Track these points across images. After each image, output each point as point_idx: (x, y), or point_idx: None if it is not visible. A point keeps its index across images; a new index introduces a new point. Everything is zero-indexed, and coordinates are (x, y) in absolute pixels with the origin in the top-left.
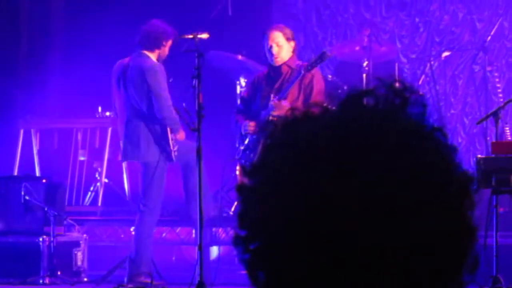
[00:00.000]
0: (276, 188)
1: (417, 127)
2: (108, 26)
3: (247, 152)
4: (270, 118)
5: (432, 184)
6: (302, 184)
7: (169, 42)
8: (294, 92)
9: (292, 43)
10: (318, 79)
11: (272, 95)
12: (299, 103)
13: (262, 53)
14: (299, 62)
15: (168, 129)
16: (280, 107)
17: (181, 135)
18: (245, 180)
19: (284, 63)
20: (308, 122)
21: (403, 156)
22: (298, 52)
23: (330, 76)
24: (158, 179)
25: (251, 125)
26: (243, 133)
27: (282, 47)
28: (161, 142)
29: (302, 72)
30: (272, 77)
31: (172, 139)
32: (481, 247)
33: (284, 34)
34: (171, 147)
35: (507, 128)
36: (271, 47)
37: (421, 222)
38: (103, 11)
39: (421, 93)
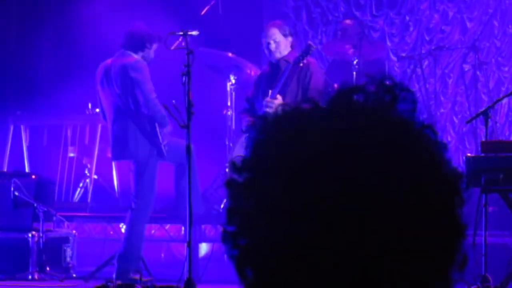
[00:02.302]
0: (265, 184)
1: (406, 123)
2: (99, 23)
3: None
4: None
5: (421, 181)
6: (291, 181)
7: (154, 46)
8: (293, 88)
9: (290, 38)
10: (314, 70)
11: (270, 91)
12: (299, 98)
13: (252, 50)
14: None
15: (156, 124)
16: (273, 104)
17: (169, 128)
18: (235, 176)
19: (283, 58)
20: (298, 118)
21: (392, 152)
22: (299, 44)
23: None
24: (149, 176)
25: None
26: (243, 130)
27: (279, 43)
28: (150, 138)
29: (291, 66)
30: (272, 74)
31: (160, 133)
32: (470, 246)
33: (281, 30)
34: (161, 141)
35: (497, 127)
36: (268, 43)
37: (409, 218)
38: (94, 8)
39: (411, 90)
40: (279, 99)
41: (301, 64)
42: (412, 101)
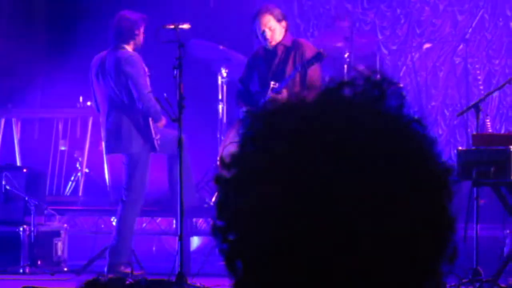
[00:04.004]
0: (253, 179)
1: (394, 118)
2: (90, 16)
3: None
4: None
5: (409, 175)
6: (279, 176)
7: (141, 29)
8: (290, 74)
9: (284, 23)
10: (310, 54)
11: (272, 82)
12: (297, 85)
13: (243, 43)
14: (294, 38)
15: (150, 118)
16: (278, 100)
17: (162, 122)
18: (224, 172)
19: (278, 43)
20: (286, 114)
21: (380, 147)
22: (290, 28)
23: None
24: (142, 170)
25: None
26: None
27: (274, 30)
28: (143, 132)
29: (299, 69)
30: (269, 58)
31: (153, 128)
32: (461, 239)
33: (275, 16)
34: (154, 136)
35: (488, 120)
36: (263, 31)
37: (397, 212)
38: (85, 2)
39: (399, 84)
40: (284, 94)
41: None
42: (400, 95)
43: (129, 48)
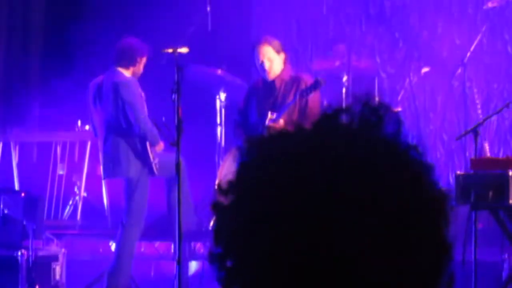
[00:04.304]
0: (250, 206)
1: (391, 145)
2: (88, 40)
3: None
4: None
5: (406, 202)
6: (276, 203)
7: (144, 59)
8: (290, 109)
9: (282, 55)
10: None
11: (269, 113)
12: (295, 114)
13: (241, 67)
14: (292, 73)
15: (147, 143)
16: (275, 128)
17: (160, 146)
18: (221, 198)
19: (277, 76)
20: (283, 140)
21: (376, 174)
22: (289, 61)
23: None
24: (141, 194)
25: (251, 138)
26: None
27: (273, 61)
28: (141, 156)
29: (298, 97)
30: (267, 91)
31: (151, 152)
32: (459, 263)
33: (274, 47)
34: (152, 160)
35: (486, 144)
36: (262, 62)
37: (394, 238)
38: (84, 24)
39: (396, 110)
40: (281, 123)
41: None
42: (397, 122)
43: (127, 73)
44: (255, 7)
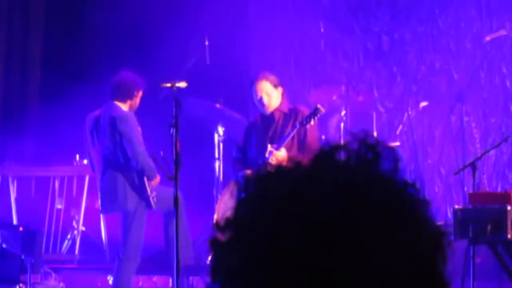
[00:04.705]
0: (247, 243)
1: (388, 182)
2: (85, 74)
3: None
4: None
5: (403, 240)
6: (273, 240)
7: (140, 93)
8: (288, 142)
9: (280, 89)
10: (311, 124)
11: (269, 145)
12: (294, 149)
13: (239, 101)
14: (290, 106)
15: (145, 177)
16: (277, 155)
17: (156, 180)
18: (218, 235)
19: (276, 108)
20: (280, 177)
21: (373, 212)
22: (287, 95)
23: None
24: (137, 227)
25: (248, 174)
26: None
27: (271, 95)
28: (139, 190)
29: (297, 126)
30: (266, 125)
31: (149, 186)
32: None
33: (271, 82)
34: (149, 193)
35: (485, 178)
36: (260, 97)
37: (391, 276)
38: (81, 58)
39: (394, 145)
40: (283, 152)
41: (305, 124)
42: (394, 159)
43: (124, 107)
44: (254, 41)
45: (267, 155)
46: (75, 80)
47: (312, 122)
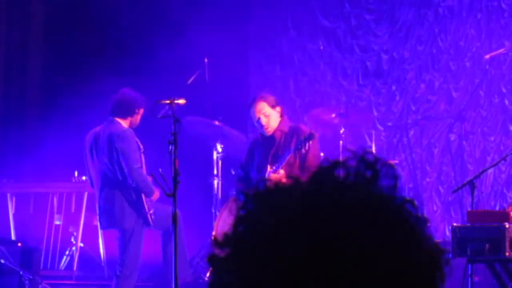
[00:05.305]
0: (246, 259)
1: (387, 200)
2: (84, 90)
3: None
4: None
5: (401, 258)
6: (271, 256)
7: (141, 111)
8: (290, 158)
9: (278, 108)
10: (311, 143)
11: (268, 166)
12: (296, 168)
13: (239, 118)
14: (291, 124)
15: (142, 194)
16: (272, 180)
17: (155, 195)
18: (217, 251)
19: (276, 128)
20: (279, 194)
21: (372, 229)
22: (286, 113)
23: None
24: (135, 244)
25: (247, 191)
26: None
27: (269, 116)
28: (136, 207)
29: (292, 151)
30: (267, 144)
31: (146, 203)
32: None
33: (269, 103)
34: (147, 210)
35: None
36: (259, 119)
37: None
38: (80, 75)
39: (393, 165)
40: (282, 174)
41: (303, 148)
42: (393, 176)
43: (124, 123)
44: (253, 59)
45: (267, 176)
46: (75, 94)
47: (306, 147)
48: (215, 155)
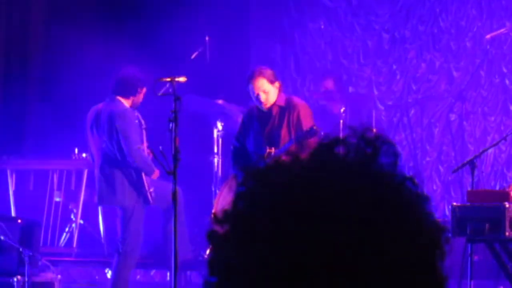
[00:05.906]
0: (245, 236)
1: (387, 177)
2: (86, 67)
3: None
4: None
5: (402, 234)
6: (271, 233)
7: (144, 90)
8: (285, 137)
9: (277, 84)
10: (304, 114)
11: (268, 149)
12: (293, 146)
13: (239, 97)
14: (287, 97)
15: (143, 173)
16: (272, 158)
17: (155, 174)
18: (216, 228)
19: (273, 104)
20: (278, 171)
21: (372, 206)
22: (283, 87)
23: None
24: (136, 222)
25: (247, 168)
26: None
27: (268, 92)
28: (136, 185)
29: (294, 141)
30: (263, 119)
31: (146, 181)
32: None
33: (267, 78)
34: (147, 189)
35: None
36: (258, 95)
37: (388, 271)
38: (81, 52)
39: (393, 142)
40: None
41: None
42: (393, 154)
43: (126, 103)
44: (254, 38)
45: (266, 158)
46: (76, 71)
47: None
48: (215, 133)
